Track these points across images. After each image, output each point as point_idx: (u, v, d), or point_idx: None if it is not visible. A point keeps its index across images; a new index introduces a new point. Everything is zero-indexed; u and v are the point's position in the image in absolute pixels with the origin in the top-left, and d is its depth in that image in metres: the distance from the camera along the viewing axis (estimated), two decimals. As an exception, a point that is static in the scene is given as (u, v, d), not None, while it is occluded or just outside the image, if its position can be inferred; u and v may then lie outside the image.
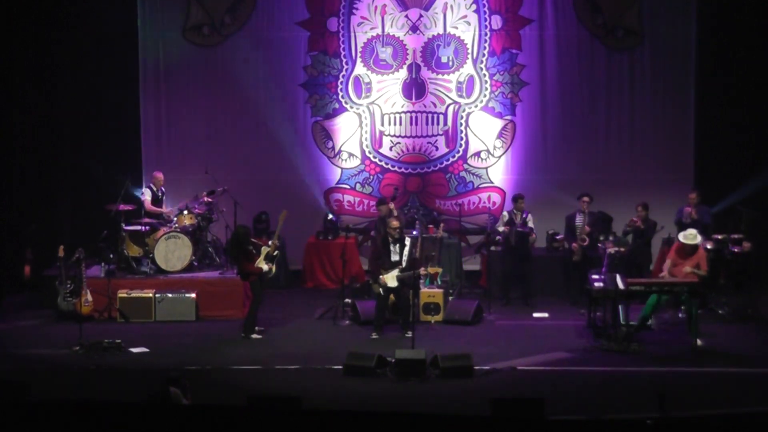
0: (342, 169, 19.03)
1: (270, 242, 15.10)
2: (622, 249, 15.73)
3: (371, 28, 18.78)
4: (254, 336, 14.70)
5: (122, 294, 15.84)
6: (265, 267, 14.87)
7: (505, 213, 17.26)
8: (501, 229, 16.94)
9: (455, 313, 15.65)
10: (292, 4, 18.79)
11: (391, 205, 17.25)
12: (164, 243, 16.46)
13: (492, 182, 18.91)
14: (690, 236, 14.55)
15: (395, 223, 15.17)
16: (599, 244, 16.16)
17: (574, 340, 14.48)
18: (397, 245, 15.00)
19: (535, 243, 16.93)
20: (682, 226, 16.46)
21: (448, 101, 18.82)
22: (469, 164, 18.91)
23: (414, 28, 18.73)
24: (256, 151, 18.98)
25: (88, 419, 7.17)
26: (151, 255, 16.51)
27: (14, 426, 7.19)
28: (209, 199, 17.25)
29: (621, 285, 13.90)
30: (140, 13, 18.69)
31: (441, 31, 18.72)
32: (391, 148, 18.95)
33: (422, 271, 15.08)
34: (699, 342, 13.89)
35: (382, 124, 18.91)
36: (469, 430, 7.25)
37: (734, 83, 18.08)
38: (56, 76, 18.41)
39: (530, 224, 16.83)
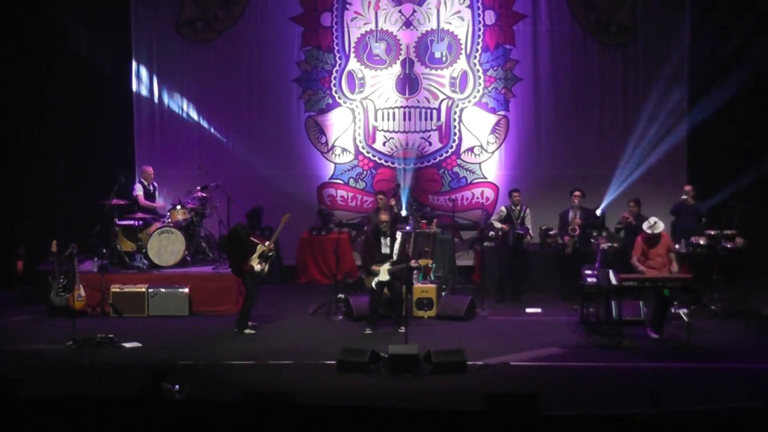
0: (335, 164, 19.02)
1: (267, 242, 15.09)
2: (615, 244, 15.73)
3: (365, 23, 18.76)
4: (247, 331, 14.69)
5: (115, 289, 15.83)
6: (257, 267, 14.85)
7: (503, 208, 17.20)
8: (498, 225, 16.92)
9: (448, 309, 15.66)
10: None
11: (392, 202, 17.27)
12: (157, 238, 16.45)
13: (485, 178, 18.91)
14: (654, 225, 14.53)
15: (384, 217, 15.19)
16: (592, 240, 16.17)
17: (567, 335, 14.49)
18: (388, 238, 15.00)
19: (529, 243, 16.92)
20: (678, 215, 16.49)
21: (442, 96, 18.82)
22: (462, 159, 18.91)
23: (407, 24, 18.72)
24: (250, 147, 18.96)
25: (81, 414, 7.17)
26: (144, 250, 16.49)
27: (7, 421, 7.19)
28: (202, 194, 17.24)
29: (614, 280, 13.90)
30: (133, 8, 18.69)
31: (434, 27, 18.72)
32: (384, 144, 18.94)
33: (413, 263, 15.07)
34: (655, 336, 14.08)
35: (376, 120, 18.90)
36: (463, 425, 7.26)
37: (727, 79, 18.08)
38: (49, 71, 18.37)
39: (527, 223, 16.84)
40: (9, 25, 17.86)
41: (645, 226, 14.65)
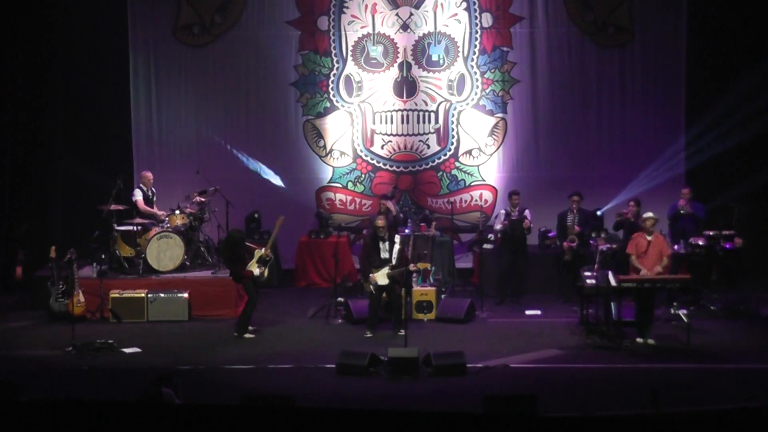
0: (334, 167, 19.02)
1: (264, 248, 15.07)
2: (614, 246, 15.73)
3: (362, 27, 18.76)
4: (247, 335, 14.69)
5: (114, 294, 15.82)
6: (256, 271, 14.85)
7: (502, 211, 17.23)
8: (498, 227, 16.92)
9: (448, 311, 15.66)
10: (282, 3, 18.77)
11: (389, 204, 17.26)
12: (156, 243, 16.44)
13: (484, 180, 18.91)
14: (648, 215, 14.63)
15: (380, 222, 15.17)
16: (591, 241, 16.17)
17: (566, 337, 14.50)
18: (386, 243, 14.99)
19: (529, 230, 16.87)
20: (676, 220, 16.49)
21: (440, 99, 18.82)
22: (460, 162, 18.91)
23: (404, 27, 18.73)
24: (248, 151, 18.96)
25: (80, 419, 7.17)
26: (143, 255, 16.48)
27: (7, 426, 7.18)
28: (201, 199, 17.24)
29: (613, 282, 13.90)
30: (130, 13, 18.67)
31: (432, 29, 18.73)
32: (382, 147, 18.94)
33: (411, 266, 15.07)
34: (651, 341, 14.02)
35: (374, 123, 18.90)
36: (462, 427, 7.25)
37: (725, 80, 18.09)
38: (47, 77, 18.37)
39: (526, 214, 16.82)
40: (6, 29, 17.86)
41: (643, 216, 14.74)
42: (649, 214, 14.63)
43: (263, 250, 15.01)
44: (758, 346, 13.96)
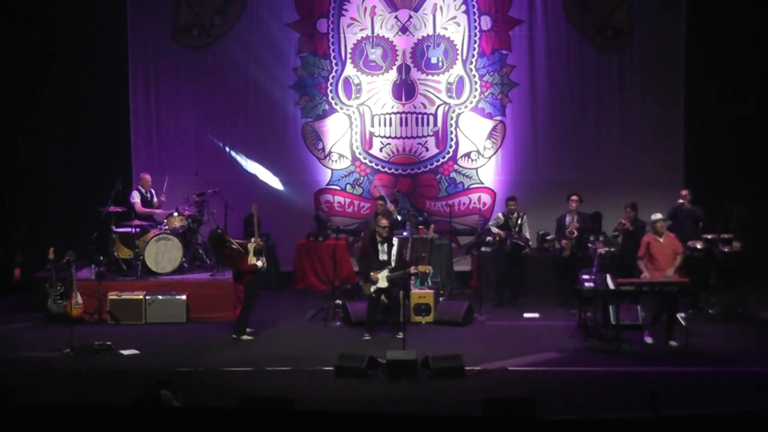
0: (332, 170, 19.01)
1: (253, 239, 15.02)
2: (613, 249, 15.73)
3: (361, 30, 18.77)
4: (245, 337, 14.69)
5: (113, 296, 15.81)
6: (258, 263, 14.83)
7: (500, 215, 17.22)
8: (495, 230, 16.93)
9: (446, 314, 15.66)
10: (282, 6, 18.77)
11: (391, 207, 17.24)
12: (154, 245, 16.44)
13: (482, 183, 18.91)
14: (658, 216, 14.61)
15: (384, 222, 15.14)
16: (589, 245, 16.17)
17: (564, 340, 14.49)
18: (385, 245, 14.98)
19: (527, 254, 16.97)
20: (675, 219, 16.47)
21: (438, 102, 18.82)
22: (459, 165, 18.91)
23: (403, 29, 18.73)
24: (246, 153, 18.95)
25: (78, 422, 7.17)
26: (141, 257, 16.48)
27: (5, 429, 7.18)
28: (199, 201, 17.24)
29: (611, 285, 13.90)
30: (129, 15, 18.66)
31: (430, 32, 18.72)
32: (381, 149, 18.94)
33: (412, 269, 15.05)
34: (673, 343, 14.00)
35: (372, 125, 18.90)
36: (461, 430, 7.26)
37: (724, 82, 18.10)
38: (46, 78, 18.35)
39: (525, 231, 16.87)
40: (7, 29, 17.85)
41: (652, 217, 14.67)
42: (658, 216, 14.59)
43: (253, 240, 14.94)
44: (756, 349, 13.96)
